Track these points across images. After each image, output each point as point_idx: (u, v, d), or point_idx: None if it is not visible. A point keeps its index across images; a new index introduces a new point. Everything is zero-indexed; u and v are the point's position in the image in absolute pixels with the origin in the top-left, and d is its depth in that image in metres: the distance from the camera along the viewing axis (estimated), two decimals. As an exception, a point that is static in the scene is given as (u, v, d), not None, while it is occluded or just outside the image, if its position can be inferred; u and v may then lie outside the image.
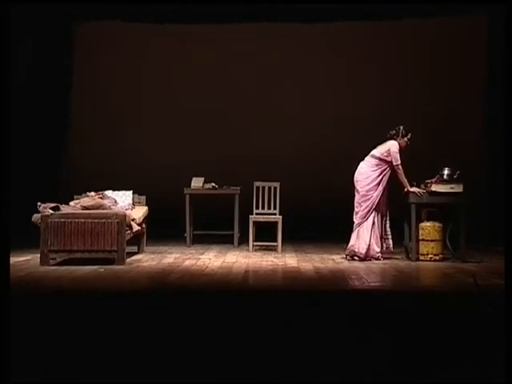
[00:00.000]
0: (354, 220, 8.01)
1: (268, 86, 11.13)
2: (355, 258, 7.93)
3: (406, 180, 7.92)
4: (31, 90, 10.26)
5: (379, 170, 7.99)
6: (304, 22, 10.70)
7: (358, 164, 8.10)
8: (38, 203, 7.49)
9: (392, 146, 7.98)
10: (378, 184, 7.97)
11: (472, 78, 10.86)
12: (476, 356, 4.45)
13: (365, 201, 7.96)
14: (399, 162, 7.91)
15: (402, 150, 7.99)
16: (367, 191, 7.97)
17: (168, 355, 4.49)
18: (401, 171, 7.91)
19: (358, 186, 8.03)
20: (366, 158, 8.08)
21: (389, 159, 7.95)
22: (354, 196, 8.07)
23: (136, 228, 8.05)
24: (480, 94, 10.86)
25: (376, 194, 7.96)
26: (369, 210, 7.95)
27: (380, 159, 7.99)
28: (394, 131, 8.06)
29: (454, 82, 10.90)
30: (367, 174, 8.00)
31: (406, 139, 8.03)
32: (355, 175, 8.06)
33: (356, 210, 8.01)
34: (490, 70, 10.58)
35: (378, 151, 8.04)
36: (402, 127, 8.04)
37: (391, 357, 4.47)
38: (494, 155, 10.16)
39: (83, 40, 11.18)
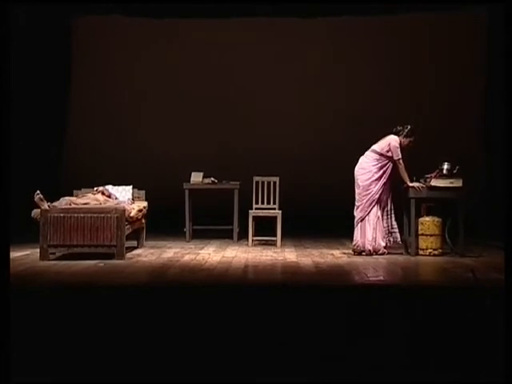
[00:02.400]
0: (355, 214, 8.00)
1: (267, 81, 11.10)
2: (363, 253, 7.93)
3: (406, 175, 7.88)
4: (30, 86, 10.23)
5: (379, 165, 7.96)
6: (304, 17, 10.69)
7: (358, 159, 8.09)
8: (37, 192, 7.41)
9: (392, 141, 7.94)
10: (379, 178, 7.94)
11: (472, 76, 10.83)
12: (475, 352, 4.45)
13: (365, 195, 7.93)
14: (400, 157, 7.88)
15: (402, 148, 7.96)
16: (367, 186, 7.94)
17: (167, 350, 4.49)
18: (401, 166, 7.87)
19: (358, 180, 8.00)
20: (367, 153, 8.05)
21: (389, 154, 7.92)
22: (354, 190, 8.06)
23: (135, 223, 8.05)
24: (480, 93, 10.84)
25: (376, 189, 7.94)
26: (370, 204, 7.93)
27: (381, 154, 7.96)
28: (400, 127, 8.00)
29: (453, 80, 10.88)
30: (368, 169, 7.97)
31: (409, 140, 7.99)
32: (355, 170, 8.03)
33: (357, 204, 7.99)
34: (490, 68, 10.56)
35: (379, 146, 8.01)
36: (409, 127, 7.98)
37: (390, 353, 4.48)
38: (493, 151, 10.16)
39: (82, 35, 11.14)
